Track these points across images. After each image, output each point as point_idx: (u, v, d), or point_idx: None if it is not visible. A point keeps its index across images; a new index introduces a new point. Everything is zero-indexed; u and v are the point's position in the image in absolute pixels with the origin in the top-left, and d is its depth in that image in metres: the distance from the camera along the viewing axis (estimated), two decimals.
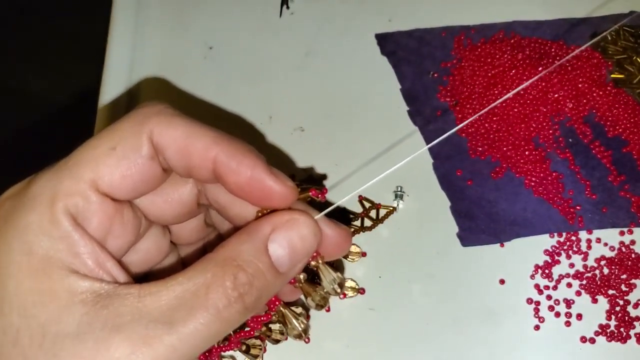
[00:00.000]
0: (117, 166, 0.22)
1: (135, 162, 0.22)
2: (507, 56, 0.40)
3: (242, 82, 0.42)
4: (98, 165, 0.22)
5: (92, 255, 0.21)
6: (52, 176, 0.21)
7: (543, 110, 0.39)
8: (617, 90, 0.40)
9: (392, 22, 0.44)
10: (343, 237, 0.25)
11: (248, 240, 0.22)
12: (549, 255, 0.35)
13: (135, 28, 0.44)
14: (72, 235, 0.21)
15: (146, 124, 0.22)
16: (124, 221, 0.23)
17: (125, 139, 0.22)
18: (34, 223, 0.20)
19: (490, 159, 0.38)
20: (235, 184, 0.23)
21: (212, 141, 0.23)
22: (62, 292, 0.20)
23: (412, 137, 0.39)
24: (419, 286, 0.34)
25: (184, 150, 0.22)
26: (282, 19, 0.45)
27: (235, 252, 0.22)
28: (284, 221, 0.23)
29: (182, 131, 0.22)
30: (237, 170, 0.23)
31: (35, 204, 0.21)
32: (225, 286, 0.21)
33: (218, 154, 0.22)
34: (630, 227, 0.35)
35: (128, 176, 0.22)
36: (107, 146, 0.22)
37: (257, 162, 0.23)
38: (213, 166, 0.23)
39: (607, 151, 0.38)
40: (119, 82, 0.42)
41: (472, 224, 0.36)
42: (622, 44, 0.41)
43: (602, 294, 0.34)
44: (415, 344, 0.33)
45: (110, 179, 0.22)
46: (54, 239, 0.20)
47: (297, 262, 0.23)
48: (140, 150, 0.22)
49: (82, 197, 0.21)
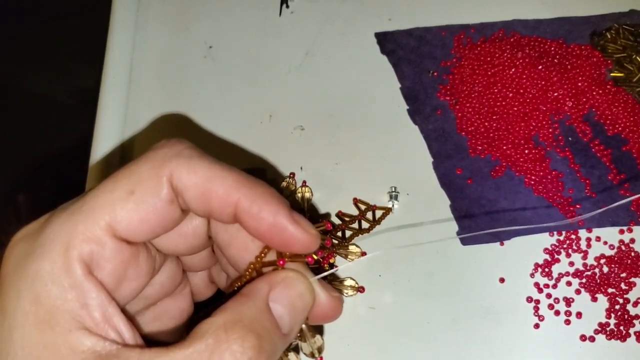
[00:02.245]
0: (136, 210, 0.21)
1: (154, 207, 0.21)
2: (506, 55, 0.40)
3: (242, 81, 0.42)
4: (115, 210, 0.21)
5: (101, 308, 0.20)
6: (66, 220, 0.21)
7: (543, 109, 0.39)
8: (617, 89, 0.40)
9: (392, 21, 0.44)
10: (335, 305, 0.24)
11: (248, 301, 0.21)
12: (549, 254, 0.35)
13: (135, 28, 0.44)
14: (83, 284, 0.20)
15: (165, 166, 0.22)
16: (139, 264, 0.22)
17: (143, 182, 0.21)
18: (45, 271, 0.20)
19: (490, 157, 0.38)
20: (256, 230, 0.22)
21: (234, 185, 0.22)
22: (64, 348, 0.19)
23: (412, 136, 0.39)
24: (418, 285, 0.34)
25: (205, 195, 0.22)
26: (282, 18, 0.45)
27: (238, 314, 0.21)
28: (279, 280, 0.22)
29: (203, 174, 0.22)
30: (259, 217, 0.22)
31: (48, 250, 0.20)
32: (232, 350, 0.19)
33: (240, 198, 0.22)
34: (629, 225, 0.35)
35: (146, 220, 0.21)
36: (125, 190, 0.21)
37: (279, 209, 0.22)
38: (234, 211, 0.22)
39: (606, 150, 0.38)
40: (119, 82, 0.42)
41: (472, 223, 0.36)
42: (621, 42, 0.41)
43: (602, 292, 0.34)
44: (415, 342, 0.33)
45: (128, 224, 0.21)
46: (64, 289, 0.20)
47: (298, 320, 0.23)
48: (160, 194, 0.21)
49: (97, 243, 0.21)
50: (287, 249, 0.23)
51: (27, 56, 0.93)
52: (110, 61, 0.43)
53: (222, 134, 0.40)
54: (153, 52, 0.43)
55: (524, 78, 0.39)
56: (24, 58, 0.93)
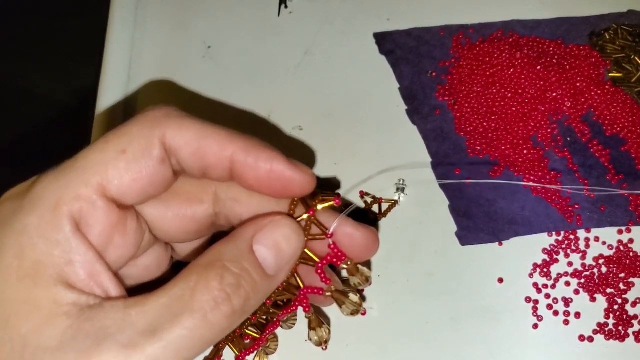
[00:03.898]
0: (127, 170, 0.21)
1: (146, 166, 0.22)
2: (505, 55, 0.40)
3: (241, 81, 0.42)
4: (107, 169, 0.21)
5: (87, 265, 0.20)
6: (57, 179, 0.21)
7: (541, 109, 0.39)
8: (616, 89, 0.40)
9: (390, 21, 0.44)
10: (371, 239, 0.25)
11: (231, 242, 0.22)
12: (548, 254, 0.35)
13: (134, 27, 0.44)
14: (70, 241, 0.20)
15: (157, 126, 0.22)
16: (126, 231, 0.22)
17: (135, 141, 0.21)
18: (32, 225, 0.20)
19: (489, 158, 0.38)
20: (255, 179, 0.23)
21: (227, 139, 0.22)
22: (47, 302, 0.19)
23: (411, 136, 0.39)
24: (417, 285, 0.34)
25: (199, 151, 0.22)
26: (280, 18, 0.45)
27: (219, 254, 0.21)
28: (266, 223, 0.23)
29: (195, 132, 0.22)
30: (256, 165, 0.22)
31: (37, 206, 0.20)
32: (210, 287, 0.20)
33: (234, 151, 0.22)
34: (628, 225, 0.35)
35: (138, 180, 0.21)
36: (116, 149, 0.21)
37: (274, 155, 0.23)
38: (229, 164, 0.23)
39: (605, 150, 0.38)
40: (117, 82, 0.42)
41: (471, 223, 0.36)
42: (620, 42, 0.41)
43: (601, 292, 0.34)
44: (414, 342, 0.33)
45: (120, 183, 0.21)
46: (51, 244, 0.20)
47: (284, 263, 0.23)
48: (152, 153, 0.22)
49: (87, 202, 0.20)
50: (287, 194, 0.24)
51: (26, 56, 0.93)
52: (109, 61, 0.43)
53: None
54: (152, 52, 0.43)
55: (523, 78, 0.39)
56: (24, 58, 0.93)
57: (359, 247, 0.25)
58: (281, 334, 0.32)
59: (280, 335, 0.32)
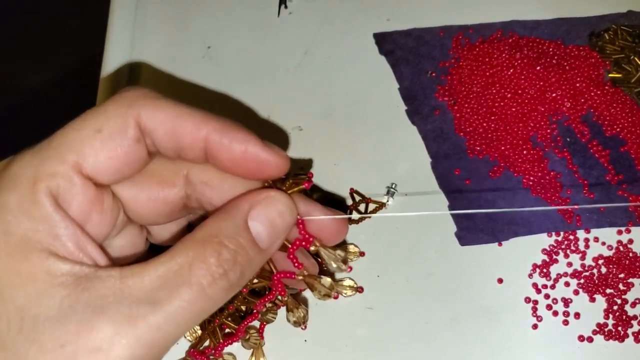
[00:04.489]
0: (103, 148, 0.21)
1: (121, 145, 0.22)
2: (505, 55, 0.40)
3: (240, 82, 0.42)
4: (83, 147, 0.21)
5: (73, 238, 0.20)
6: (34, 156, 0.21)
7: (541, 110, 0.39)
8: (615, 90, 0.40)
9: (390, 21, 0.44)
10: (339, 223, 0.26)
11: (227, 217, 0.22)
12: (547, 255, 0.35)
13: (133, 28, 0.44)
14: (52, 216, 0.20)
15: (133, 106, 0.22)
16: (103, 209, 0.22)
17: (111, 120, 0.22)
18: (14, 203, 0.20)
19: (489, 158, 0.38)
20: (229, 160, 0.23)
21: (202, 120, 0.23)
22: (41, 274, 0.19)
23: (411, 136, 0.39)
24: (417, 285, 0.34)
25: (173, 131, 0.22)
26: (280, 18, 0.45)
27: (215, 230, 0.22)
28: (261, 199, 0.23)
29: (171, 112, 0.22)
30: (230, 146, 0.23)
31: (16, 183, 0.20)
32: (208, 263, 0.21)
33: (209, 132, 0.23)
34: (628, 226, 0.35)
35: (113, 158, 0.22)
36: (92, 128, 0.21)
37: (248, 137, 0.23)
38: (204, 145, 0.23)
39: (604, 150, 0.38)
40: (117, 81, 0.42)
41: (470, 224, 0.36)
42: (619, 43, 0.41)
43: (600, 292, 0.34)
44: (413, 342, 0.33)
45: (95, 161, 0.21)
46: (34, 220, 0.20)
47: (276, 238, 0.24)
48: (127, 133, 0.22)
49: (64, 178, 0.21)
50: (261, 175, 0.24)
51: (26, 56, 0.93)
52: (109, 61, 0.43)
53: None
54: (151, 52, 0.43)
55: (523, 79, 0.39)
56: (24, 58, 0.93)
57: (328, 230, 0.26)
58: (281, 337, 0.32)
59: (281, 336, 0.32)
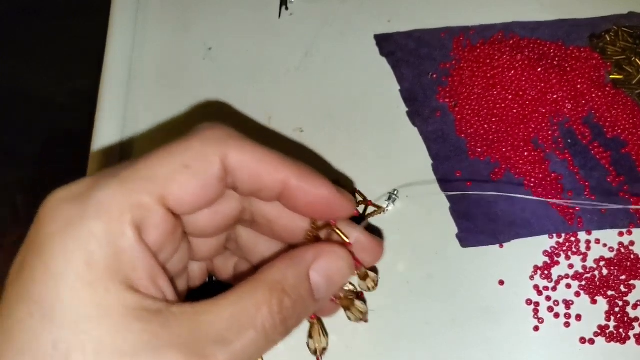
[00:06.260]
0: (188, 184, 0.22)
1: (205, 182, 0.23)
2: (506, 57, 0.40)
3: (241, 83, 0.42)
4: (170, 181, 0.22)
5: (150, 271, 0.21)
6: (121, 186, 0.21)
7: (542, 111, 0.39)
8: (616, 91, 0.40)
9: (391, 23, 0.44)
10: (378, 247, 0.29)
11: (292, 266, 0.24)
12: (548, 256, 0.35)
13: (134, 29, 0.44)
14: (135, 249, 0.21)
15: (219, 146, 0.23)
16: (174, 237, 0.23)
17: (198, 158, 0.23)
18: (99, 232, 0.20)
19: (490, 160, 0.38)
20: (304, 203, 0.25)
21: (282, 164, 0.24)
22: (119, 307, 0.20)
23: (412, 137, 0.39)
24: (418, 287, 0.34)
25: (256, 174, 0.24)
26: (281, 20, 0.45)
27: (281, 277, 0.23)
28: (325, 252, 0.25)
29: (255, 155, 0.24)
30: (308, 191, 0.25)
31: (101, 212, 0.21)
32: (272, 310, 0.22)
33: (288, 176, 0.25)
34: (629, 228, 0.35)
35: (196, 194, 0.23)
36: (180, 163, 0.22)
37: (324, 183, 0.26)
38: (282, 187, 0.25)
39: (606, 152, 0.38)
40: (118, 82, 0.42)
41: (471, 225, 0.36)
42: (621, 44, 0.41)
43: (602, 294, 0.34)
44: (414, 344, 0.33)
45: (179, 196, 0.22)
46: (118, 252, 0.20)
47: (332, 292, 0.26)
48: (212, 171, 0.23)
49: (150, 211, 0.22)
50: (332, 217, 0.26)
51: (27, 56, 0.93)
52: (109, 62, 0.43)
53: None
54: (152, 53, 0.43)
55: (524, 80, 0.39)
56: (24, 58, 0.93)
57: (368, 254, 0.28)
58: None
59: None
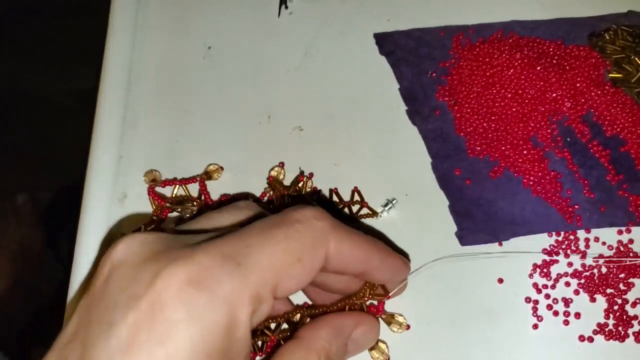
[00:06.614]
0: (299, 277, 0.24)
1: (312, 274, 0.25)
2: (505, 56, 0.40)
3: (241, 82, 0.42)
4: (284, 275, 0.23)
5: (247, 353, 0.23)
6: (244, 277, 0.22)
7: (541, 110, 0.39)
8: (616, 90, 0.40)
9: (390, 22, 0.44)
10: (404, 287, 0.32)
11: (337, 336, 0.27)
12: (547, 254, 0.35)
13: (134, 29, 0.44)
14: (246, 338, 0.23)
15: (326, 238, 0.25)
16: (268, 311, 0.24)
17: (309, 251, 0.24)
18: (223, 325, 0.22)
19: (489, 158, 0.38)
20: (378, 280, 0.29)
21: (370, 251, 0.27)
22: None
23: (411, 136, 0.39)
24: (417, 285, 0.34)
25: (346, 262, 0.26)
26: (280, 19, 0.45)
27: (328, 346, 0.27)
28: (362, 324, 0.29)
29: (351, 245, 0.26)
30: (385, 271, 0.28)
31: (227, 305, 0.22)
32: None
33: (373, 260, 0.27)
34: (628, 226, 0.35)
35: (302, 284, 0.25)
36: (294, 257, 0.24)
37: (399, 265, 0.29)
38: (365, 270, 0.27)
39: (605, 150, 0.38)
40: (118, 82, 0.42)
41: (471, 223, 0.36)
42: (620, 43, 0.41)
43: (601, 292, 0.34)
44: (413, 342, 0.33)
45: (288, 286, 0.24)
46: (232, 342, 0.22)
47: (357, 353, 0.29)
48: (319, 264, 0.25)
49: (263, 302, 0.23)
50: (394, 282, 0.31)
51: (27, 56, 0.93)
52: (109, 62, 0.43)
53: (221, 135, 0.40)
54: (152, 53, 0.43)
55: (523, 79, 0.39)
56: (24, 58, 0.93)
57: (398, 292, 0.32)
58: None
59: None
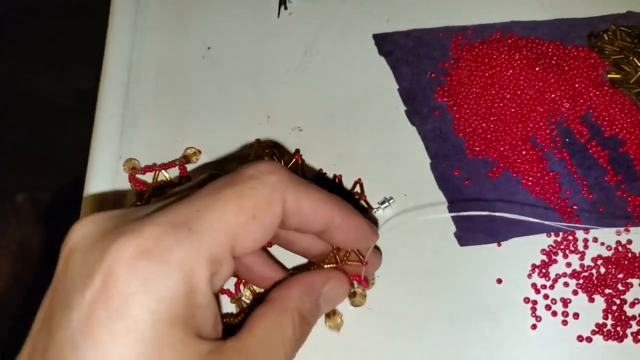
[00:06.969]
0: (256, 234, 0.24)
1: (270, 230, 0.24)
2: (504, 56, 0.40)
3: (240, 82, 0.42)
4: (240, 233, 0.23)
5: (215, 319, 0.23)
6: (197, 241, 0.22)
7: (540, 110, 0.39)
8: (614, 90, 0.40)
9: (390, 22, 0.44)
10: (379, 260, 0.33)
11: (309, 294, 0.28)
12: (546, 255, 0.35)
13: (133, 29, 0.44)
14: (209, 303, 0.22)
15: (282, 192, 0.24)
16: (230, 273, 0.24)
17: (265, 208, 0.24)
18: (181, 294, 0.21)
19: (488, 158, 0.38)
20: (342, 239, 0.28)
21: (330, 206, 0.26)
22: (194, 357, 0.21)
23: (410, 136, 0.39)
24: (416, 285, 0.34)
25: (306, 217, 0.26)
26: (280, 19, 0.45)
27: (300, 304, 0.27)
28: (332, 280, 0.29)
29: (309, 199, 0.25)
30: (347, 229, 0.27)
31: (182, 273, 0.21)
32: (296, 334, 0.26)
33: (334, 217, 0.26)
34: (626, 226, 0.35)
35: (260, 241, 0.24)
36: (249, 214, 0.23)
37: (363, 222, 0.28)
38: (325, 226, 0.27)
39: (603, 151, 0.38)
40: (117, 82, 0.42)
41: (470, 224, 0.36)
42: (619, 44, 0.41)
43: (599, 293, 0.34)
44: (412, 343, 0.33)
45: (246, 245, 0.24)
46: (195, 308, 0.22)
47: (328, 310, 0.30)
48: (276, 220, 0.24)
49: (222, 264, 0.23)
50: (358, 247, 0.30)
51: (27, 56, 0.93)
52: (109, 62, 0.43)
53: (220, 134, 0.40)
54: (152, 53, 0.44)
55: (522, 79, 0.39)
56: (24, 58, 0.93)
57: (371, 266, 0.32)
58: None
59: None
